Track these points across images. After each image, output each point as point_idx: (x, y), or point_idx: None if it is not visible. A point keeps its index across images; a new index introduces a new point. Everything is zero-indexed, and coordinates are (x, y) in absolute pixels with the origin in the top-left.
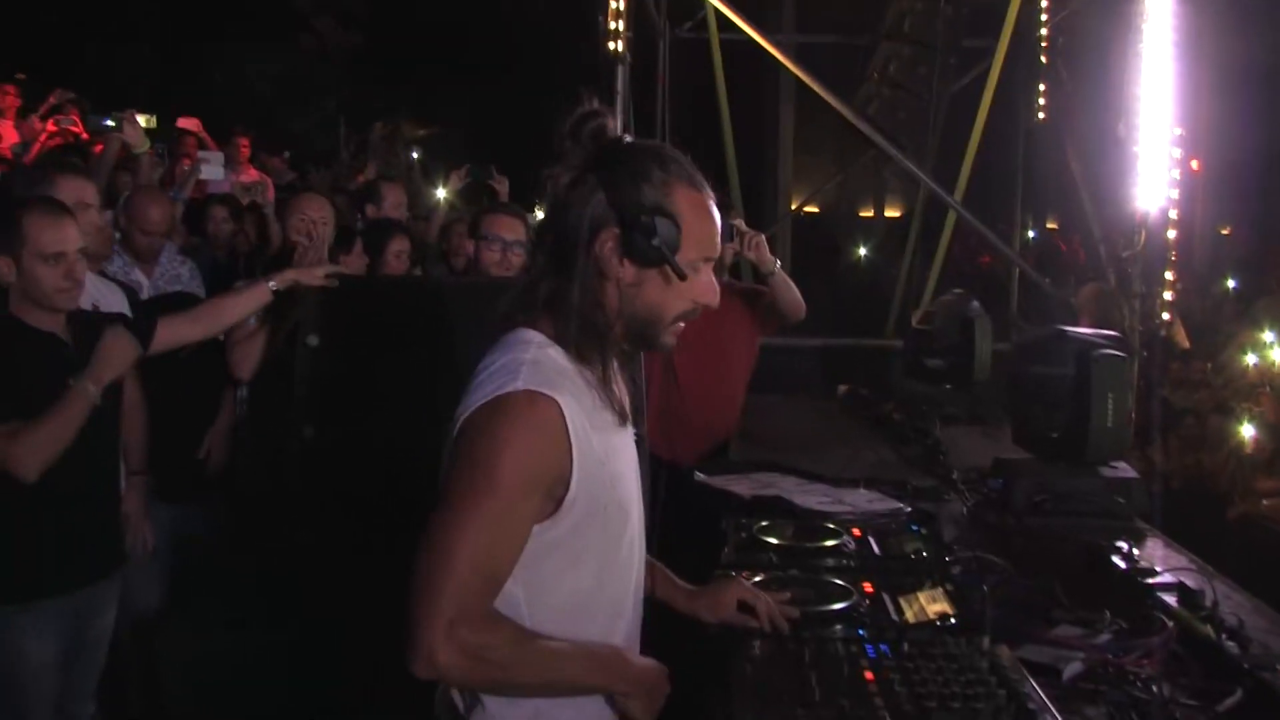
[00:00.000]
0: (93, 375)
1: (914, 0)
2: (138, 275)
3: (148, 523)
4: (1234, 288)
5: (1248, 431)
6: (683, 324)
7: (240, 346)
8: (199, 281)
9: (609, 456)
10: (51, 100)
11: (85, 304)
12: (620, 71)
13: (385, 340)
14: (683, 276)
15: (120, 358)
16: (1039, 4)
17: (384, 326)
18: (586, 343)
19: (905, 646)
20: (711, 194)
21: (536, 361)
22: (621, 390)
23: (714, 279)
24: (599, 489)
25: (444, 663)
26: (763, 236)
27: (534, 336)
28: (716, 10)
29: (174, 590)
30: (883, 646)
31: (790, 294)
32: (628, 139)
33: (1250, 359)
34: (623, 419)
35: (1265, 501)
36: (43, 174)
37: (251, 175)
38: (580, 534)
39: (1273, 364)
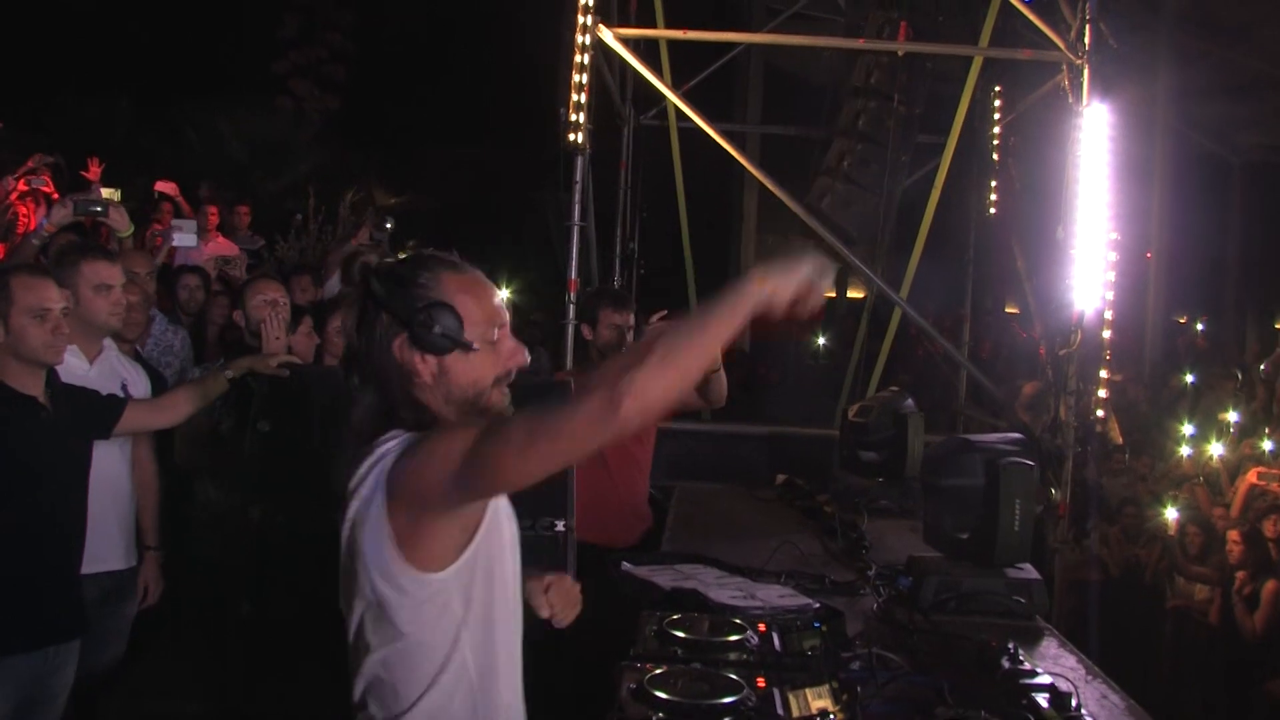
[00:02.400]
0: (235, 363)
1: (867, 99)
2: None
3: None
4: (1191, 382)
5: (1173, 517)
6: (506, 385)
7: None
8: (190, 351)
9: (493, 522)
10: (29, 164)
11: (115, 385)
12: (579, 161)
13: (330, 426)
14: (473, 349)
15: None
16: (991, 104)
17: (331, 413)
18: (428, 429)
19: None
20: (479, 272)
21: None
22: None
23: (514, 341)
24: (488, 552)
25: (626, 413)
26: None
27: (396, 439)
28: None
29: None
30: None
31: (720, 388)
32: (390, 259)
33: (1185, 451)
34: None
35: (1199, 593)
36: (70, 258)
37: (221, 245)
38: (477, 586)
39: (1209, 457)
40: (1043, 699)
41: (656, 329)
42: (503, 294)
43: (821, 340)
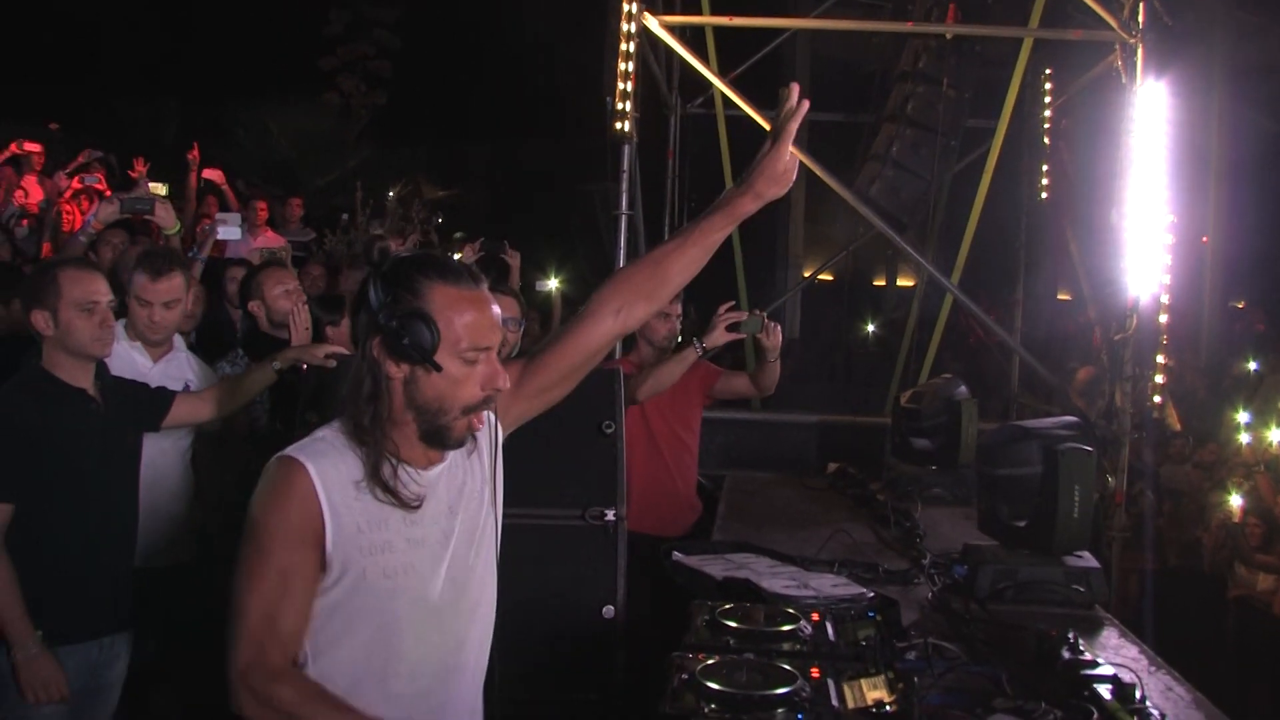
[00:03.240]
0: (282, 355)
1: (916, 84)
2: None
3: None
4: (1254, 369)
5: (1237, 505)
6: (477, 415)
7: None
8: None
9: (372, 527)
10: (80, 159)
11: (178, 386)
12: (626, 150)
13: None
14: (438, 369)
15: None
16: (1041, 87)
17: None
18: (363, 430)
19: None
20: (479, 290)
21: (312, 440)
22: (409, 476)
23: (497, 367)
24: (356, 553)
25: (239, 705)
26: (778, 326)
27: (336, 426)
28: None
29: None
30: None
31: (772, 378)
32: (403, 254)
33: (1244, 438)
34: (403, 502)
35: (1262, 583)
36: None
37: (270, 239)
38: (352, 597)
39: (1269, 444)
40: (1105, 690)
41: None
42: (551, 283)
43: (871, 328)
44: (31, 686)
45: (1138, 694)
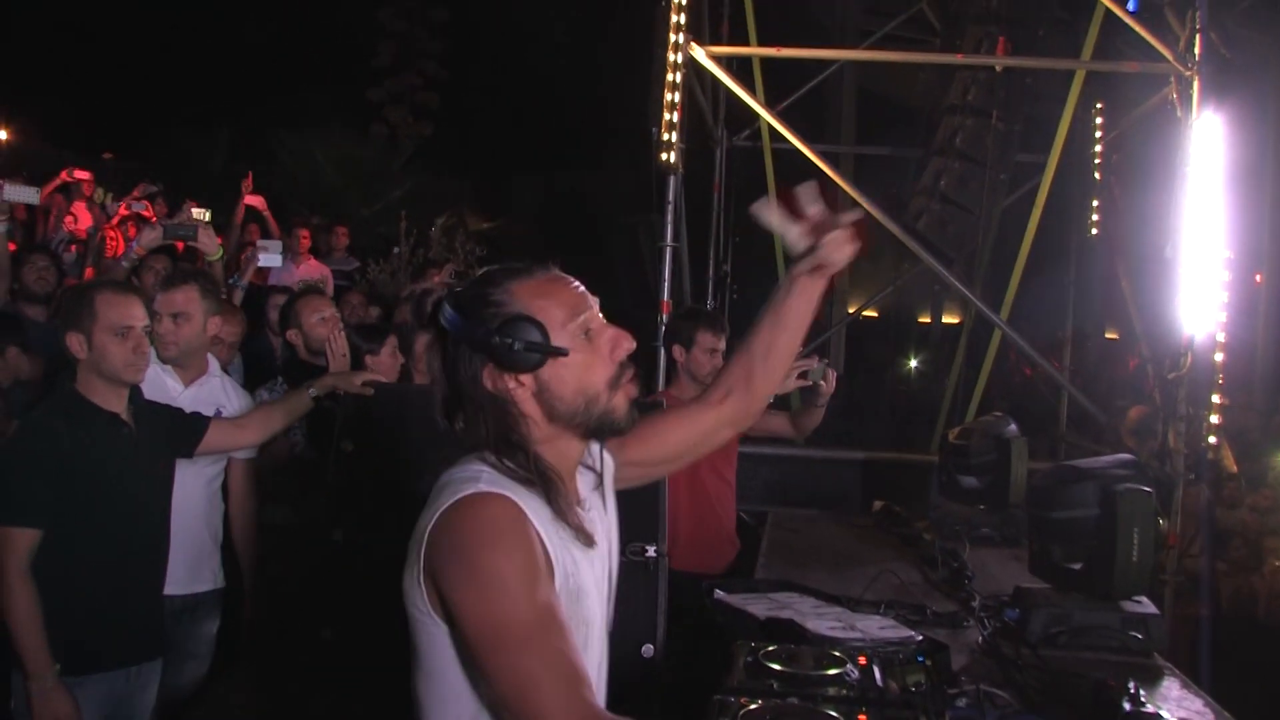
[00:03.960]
0: (319, 381)
1: (965, 116)
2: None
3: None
4: None
5: None
6: (627, 382)
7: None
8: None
9: (574, 569)
10: (136, 194)
11: (210, 410)
12: (672, 182)
13: (415, 448)
14: (564, 353)
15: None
16: (1092, 121)
17: (416, 434)
18: (526, 473)
19: None
20: (550, 270)
21: (491, 474)
22: (582, 514)
23: (611, 328)
24: (567, 600)
25: None
26: (835, 375)
27: (487, 459)
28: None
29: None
30: None
31: (814, 422)
32: (453, 285)
33: None
34: (586, 539)
35: None
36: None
37: (312, 267)
38: None
39: None
40: None
41: None
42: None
43: (914, 363)
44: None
45: None
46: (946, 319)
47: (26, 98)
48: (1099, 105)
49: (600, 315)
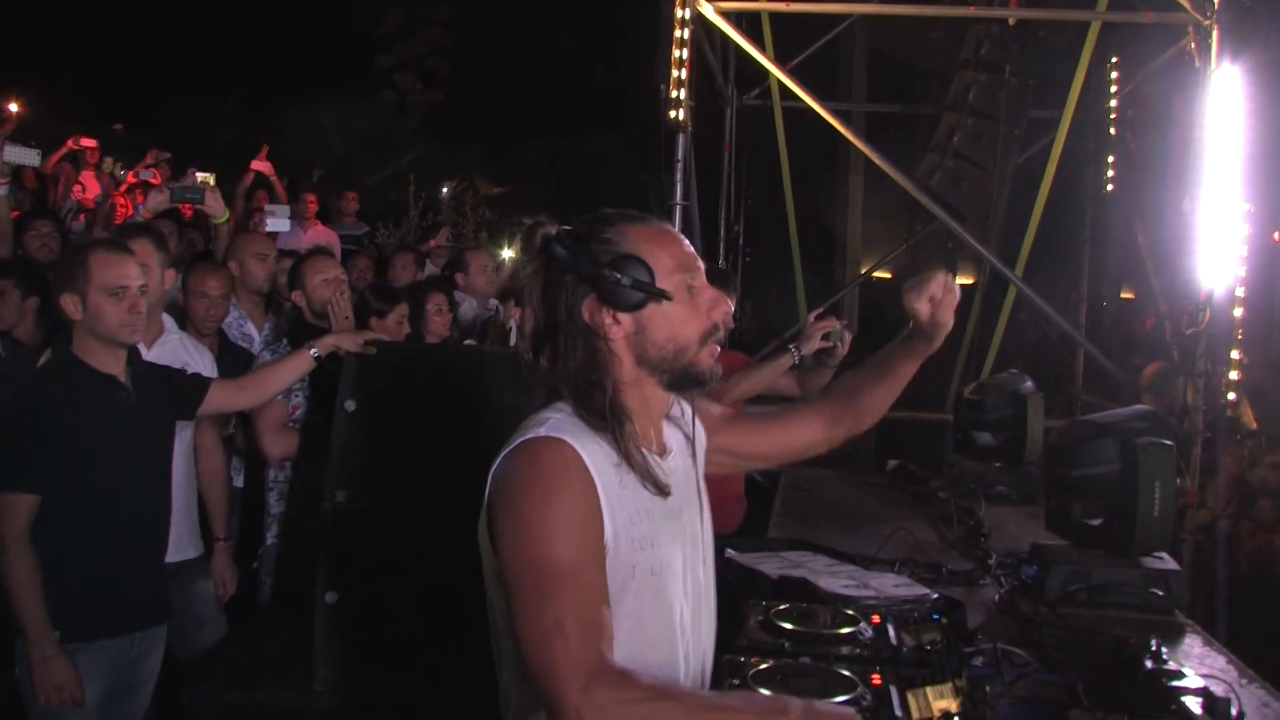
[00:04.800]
0: (320, 341)
1: (978, 72)
2: (250, 329)
3: (234, 583)
4: None
5: None
6: (717, 345)
7: (278, 434)
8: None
9: (640, 517)
10: (148, 161)
11: (177, 365)
12: (681, 139)
13: (421, 408)
14: (669, 297)
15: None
16: (1107, 76)
17: (421, 394)
18: (600, 411)
19: None
20: (666, 224)
21: (556, 419)
22: (661, 462)
23: (712, 289)
24: (629, 547)
25: None
26: (850, 338)
27: (562, 407)
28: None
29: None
30: None
31: (822, 383)
32: (566, 227)
33: None
34: (659, 489)
35: None
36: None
37: (320, 233)
38: (621, 599)
39: None
40: (1194, 704)
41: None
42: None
43: None
44: (44, 688)
45: (1233, 709)
46: (961, 279)
47: (36, 71)
48: (1114, 59)
49: (705, 278)
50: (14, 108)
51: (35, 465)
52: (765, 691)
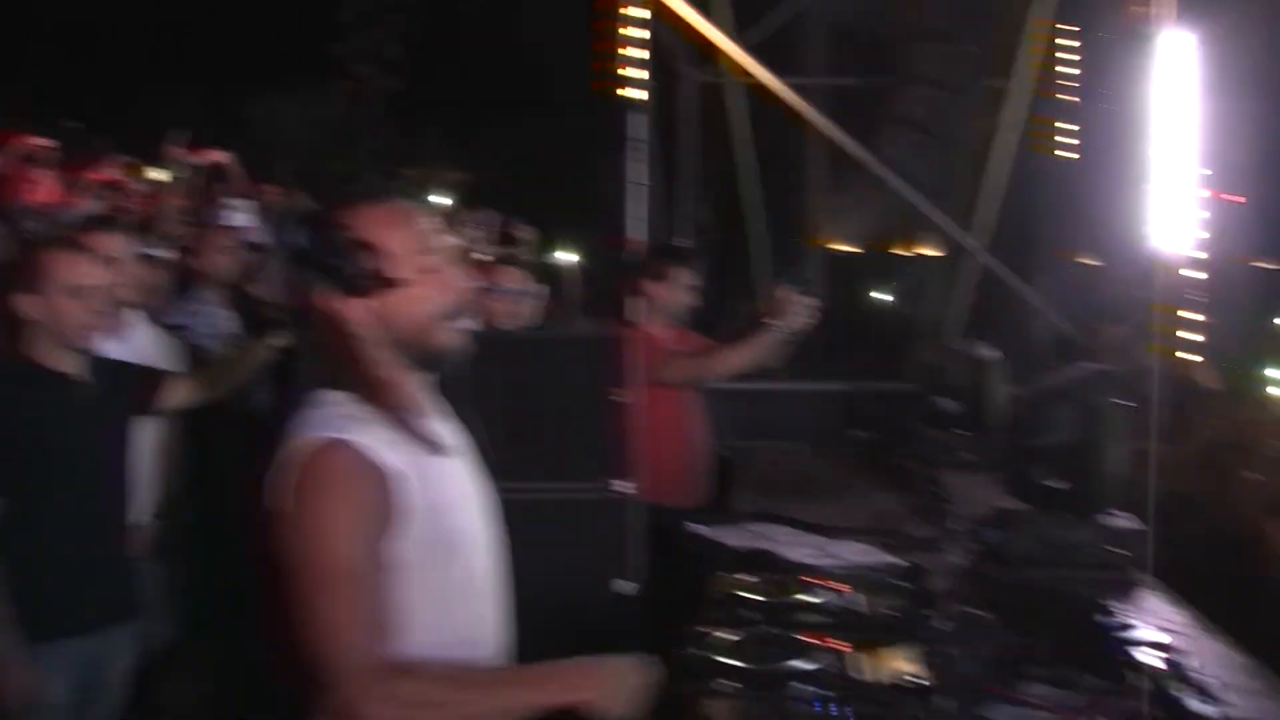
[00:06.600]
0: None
1: (936, 43)
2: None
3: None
4: None
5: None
6: (457, 322)
7: None
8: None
9: (431, 482)
10: (104, 163)
11: (137, 355)
12: (633, 117)
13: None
14: (395, 283)
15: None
16: (1061, 42)
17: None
18: (357, 387)
19: (858, 709)
20: (408, 204)
21: (330, 412)
22: (430, 423)
23: (456, 271)
24: (420, 514)
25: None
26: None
27: (325, 396)
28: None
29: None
30: (846, 708)
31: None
32: (305, 211)
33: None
34: (433, 446)
35: None
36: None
37: None
38: (418, 567)
39: None
40: (1151, 658)
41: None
42: (569, 257)
43: (893, 296)
44: (3, 690)
45: (1189, 661)
46: (925, 250)
47: None
48: (1070, 26)
49: (454, 253)
50: None
51: None
52: (731, 662)
